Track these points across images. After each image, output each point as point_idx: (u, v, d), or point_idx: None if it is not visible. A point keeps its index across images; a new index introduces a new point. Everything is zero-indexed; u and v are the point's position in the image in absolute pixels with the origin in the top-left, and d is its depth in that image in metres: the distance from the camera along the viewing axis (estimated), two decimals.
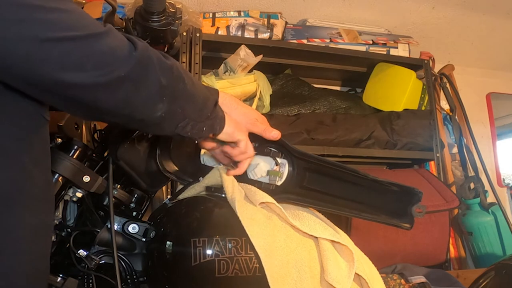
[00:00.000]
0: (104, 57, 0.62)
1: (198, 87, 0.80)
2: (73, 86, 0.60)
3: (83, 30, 0.61)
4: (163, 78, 0.70)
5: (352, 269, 0.92)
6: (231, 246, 0.87)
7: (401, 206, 1.00)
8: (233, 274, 0.86)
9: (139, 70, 0.66)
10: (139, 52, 0.66)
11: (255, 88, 2.05)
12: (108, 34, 0.64)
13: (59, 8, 0.60)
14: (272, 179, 0.98)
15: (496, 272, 1.49)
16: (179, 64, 0.76)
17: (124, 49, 0.65)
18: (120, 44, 0.65)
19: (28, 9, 0.56)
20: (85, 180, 0.91)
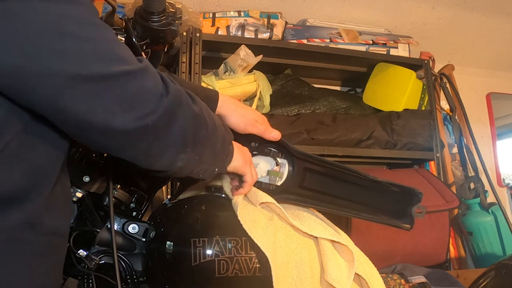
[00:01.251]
0: (134, 101, 0.58)
1: (218, 130, 0.77)
2: (96, 129, 0.57)
3: (116, 65, 0.57)
4: (188, 126, 0.66)
5: (352, 269, 0.92)
6: (231, 246, 0.87)
7: (401, 206, 1.00)
8: (233, 274, 0.86)
9: (167, 118, 0.62)
10: (170, 98, 0.62)
11: (255, 88, 2.05)
12: (143, 73, 0.60)
13: (94, 38, 0.56)
14: (272, 179, 0.98)
15: (496, 272, 1.49)
16: (204, 106, 0.73)
17: (156, 93, 0.61)
18: (153, 86, 0.61)
19: (61, 38, 0.53)
20: (85, 180, 0.91)
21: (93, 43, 0.56)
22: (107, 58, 0.56)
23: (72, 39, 0.54)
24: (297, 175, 1.00)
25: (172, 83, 0.64)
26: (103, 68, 0.56)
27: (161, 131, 0.62)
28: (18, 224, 0.59)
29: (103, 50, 0.56)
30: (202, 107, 0.72)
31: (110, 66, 0.56)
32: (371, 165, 2.39)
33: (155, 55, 1.05)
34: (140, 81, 0.59)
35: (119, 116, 0.57)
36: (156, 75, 0.63)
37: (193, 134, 0.68)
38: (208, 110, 0.75)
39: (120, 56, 0.58)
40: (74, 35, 0.54)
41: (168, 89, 0.62)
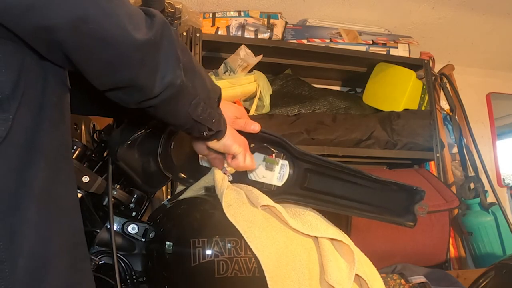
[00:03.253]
0: (136, 17, 0.61)
1: (203, 70, 0.81)
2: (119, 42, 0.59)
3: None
4: (177, 44, 0.69)
5: (352, 270, 0.92)
6: (230, 246, 0.87)
7: (404, 205, 1.00)
8: (233, 274, 0.86)
9: (161, 34, 0.65)
10: (158, 18, 0.66)
11: (255, 88, 2.05)
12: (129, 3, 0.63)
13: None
14: (269, 167, 0.98)
15: (496, 272, 1.49)
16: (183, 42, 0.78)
17: (142, 15, 0.64)
18: (138, 11, 0.64)
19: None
20: (85, 180, 0.91)
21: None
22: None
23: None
24: (298, 176, 1.00)
25: (154, 11, 0.68)
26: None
27: (160, 46, 0.65)
28: None
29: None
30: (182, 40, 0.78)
31: None
32: (371, 165, 2.39)
33: None
34: (127, 8, 0.61)
35: (130, 32, 0.60)
36: (135, 7, 0.66)
37: (182, 54, 0.70)
38: None
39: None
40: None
41: (152, 15, 0.66)
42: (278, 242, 0.88)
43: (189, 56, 0.75)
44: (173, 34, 0.68)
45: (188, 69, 0.73)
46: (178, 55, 0.69)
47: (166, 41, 0.66)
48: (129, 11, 0.62)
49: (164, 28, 0.66)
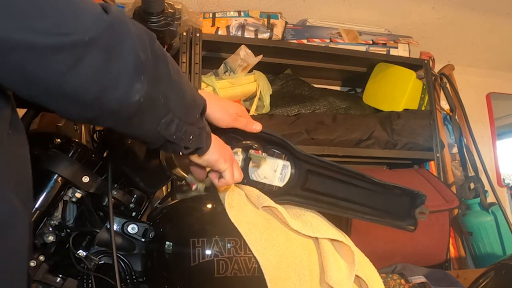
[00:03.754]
0: (63, 11, 0.49)
1: (185, 80, 0.69)
2: (16, 45, 0.47)
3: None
4: (142, 53, 0.57)
5: (352, 271, 0.93)
6: (230, 246, 0.87)
7: (405, 208, 1.01)
8: (232, 274, 0.86)
9: (111, 36, 0.53)
10: (112, 16, 0.54)
11: (255, 88, 2.05)
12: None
13: None
14: (256, 161, 0.97)
15: (496, 272, 1.49)
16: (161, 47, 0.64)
17: (93, 10, 0.52)
18: (88, 5, 0.52)
19: None
20: (85, 180, 0.91)
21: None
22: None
23: None
24: (300, 177, 1.00)
25: (114, 6, 0.57)
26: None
27: (105, 51, 0.52)
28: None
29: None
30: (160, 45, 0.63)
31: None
32: (371, 165, 2.39)
33: None
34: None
35: (45, 30, 0.48)
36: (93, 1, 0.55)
37: (151, 64, 0.59)
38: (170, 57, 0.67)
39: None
40: None
41: (107, 9, 0.54)
42: (279, 243, 0.88)
43: (165, 63, 0.63)
44: (132, 33, 0.56)
45: (161, 79, 0.62)
46: (138, 61, 0.56)
47: (116, 41, 0.54)
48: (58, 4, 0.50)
49: (115, 25, 0.54)
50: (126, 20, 0.56)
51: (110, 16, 0.53)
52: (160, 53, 0.62)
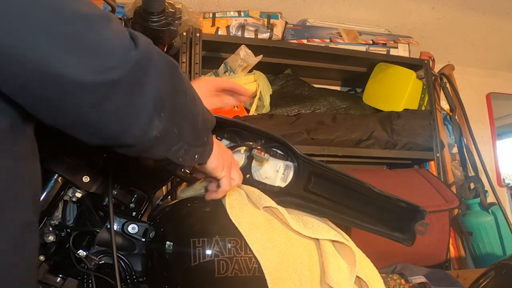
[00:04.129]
0: (93, 51, 0.48)
1: (198, 103, 0.69)
2: (47, 77, 0.46)
3: (71, 4, 0.48)
4: (164, 87, 0.57)
5: (353, 272, 0.92)
6: (230, 246, 0.87)
7: (404, 221, 1.00)
8: (233, 274, 0.86)
9: (137, 73, 0.52)
10: (140, 51, 0.53)
11: (255, 88, 2.05)
12: (106, 21, 0.51)
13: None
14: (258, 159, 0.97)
15: (496, 272, 1.49)
16: (180, 75, 0.63)
17: (122, 44, 0.51)
18: (120, 37, 0.51)
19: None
20: (85, 180, 0.91)
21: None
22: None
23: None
24: (302, 178, 1.00)
25: (141, 36, 0.55)
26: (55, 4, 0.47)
27: (130, 89, 0.52)
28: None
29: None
30: (180, 70, 0.62)
31: (64, 5, 0.47)
32: (371, 165, 2.39)
33: None
34: (102, 29, 0.50)
35: (75, 65, 0.47)
36: (122, 27, 0.53)
37: (170, 98, 0.59)
38: (187, 78, 0.66)
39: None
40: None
41: (137, 42, 0.53)
42: (280, 244, 0.88)
43: (183, 93, 0.62)
44: (156, 68, 0.55)
45: (178, 112, 0.61)
46: (159, 99, 0.56)
47: (140, 79, 0.53)
48: (98, 36, 0.49)
49: (141, 61, 0.53)
50: (152, 53, 0.55)
51: (138, 51, 0.52)
52: (180, 83, 0.62)
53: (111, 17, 0.52)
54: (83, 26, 0.48)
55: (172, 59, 0.61)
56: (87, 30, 0.48)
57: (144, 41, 0.54)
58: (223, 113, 1.98)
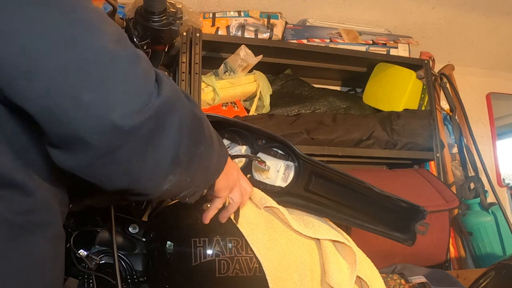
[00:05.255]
0: (111, 86, 0.45)
1: (215, 145, 0.64)
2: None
3: (97, 38, 0.46)
4: (184, 142, 0.53)
5: (354, 272, 0.93)
6: (231, 246, 0.87)
7: (405, 221, 1.00)
8: (234, 274, 0.86)
9: (154, 125, 0.48)
10: (162, 100, 0.48)
11: (255, 88, 2.05)
12: (139, 60, 0.48)
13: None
14: (260, 169, 0.98)
15: (496, 272, 1.49)
16: (204, 115, 0.60)
17: (145, 89, 0.48)
18: (142, 80, 0.48)
19: None
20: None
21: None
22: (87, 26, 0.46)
23: None
24: (303, 178, 1.00)
25: (167, 80, 0.52)
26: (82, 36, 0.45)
27: (144, 142, 0.48)
28: None
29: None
30: (202, 114, 0.59)
31: (92, 38, 0.45)
32: (371, 165, 2.39)
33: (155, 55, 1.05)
34: (126, 69, 0.47)
35: (89, 106, 0.44)
36: (149, 68, 0.50)
37: (188, 152, 0.55)
38: (207, 120, 0.62)
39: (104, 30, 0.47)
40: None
41: (161, 86, 0.49)
42: (280, 244, 0.88)
43: (201, 142, 0.58)
44: (178, 120, 0.51)
45: (194, 162, 0.57)
46: (176, 155, 0.52)
47: (157, 132, 0.49)
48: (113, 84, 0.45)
49: (161, 112, 0.48)
50: (175, 102, 0.51)
51: (160, 100, 0.48)
52: (200, 133, 0.58)
53: (139, 57, 0.49)
54: (105, 65, 0.45)
55: (193, 99, 0.58)
56: (109, 70, 0.46)
57: (169, 85, 0.51)
58: (223, 113, 1.99)
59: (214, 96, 1.94)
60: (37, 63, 0.43)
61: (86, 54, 0.45)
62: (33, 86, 0.44)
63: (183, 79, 1.89)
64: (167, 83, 0.51)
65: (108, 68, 0.45)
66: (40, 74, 0.43)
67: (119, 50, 0.47)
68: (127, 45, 0.49)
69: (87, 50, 0.45)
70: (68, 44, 0.44)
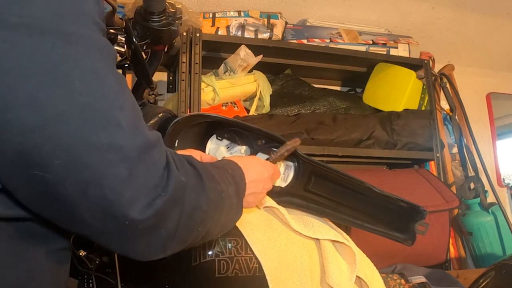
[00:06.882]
0: (119, 190, 0.47)
1: (226, 208, 0.66)
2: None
3: (104, 132, 0.47)
4: (181, 228, 0.55)
5: (353, 272, 0.92)
6: (231, 246, 0.87)
7: (404, 221, 1.00)
8: (233, 274, 0.86)
9: (155, 222, 0.50)
10: (170, 192, 0.51)
11: (255, 88, 2.05)
12: (150, 150, 0.50)
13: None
14: None
15: (496, 272, 1.49)
16: (220, 180, 0.63)
17: (151, 188, 0.49)
18: (151, 175, 0.50)
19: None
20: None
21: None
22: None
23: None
24: (303, 178, 1.00)
25: (180, 164, 0.55)
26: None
27: (141, 233, 0.51)
28: None
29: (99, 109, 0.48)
30: (212, 197, 0.60)
31: (99, 131, 0.47)
32: (371, 165, 2.39)
33: (155, 55, 1.05)
34: (133, 166, 0.48)
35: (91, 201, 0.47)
36: (159, 155, 0.52)
37: (188, 232, 0.58)
38: (223, 176, 0.65)
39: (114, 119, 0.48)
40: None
41: (168, 183, 0.51)
42: (280, 244, 0.88)
43: (206, 221, 0.60)
44: (181, 216, 0.53)
45: (195, 235, 0.60)
46: (175, 237, 0.55)
47: (157, 229, 0.51)
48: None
49: (167, 208, 0.51)
50: (180, 197, 0.53)
51: (168, 193, 0.51)
52: (199, 222, 0.59)
53: (151, 145, 0.51)
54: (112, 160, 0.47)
55: (202, 191, 0.58)
56: (117, 165, 0.47)
57: (176, 180, 0.52)
58: (223, 113, 1.99)
59: (214, 96, 1.94)
60: None
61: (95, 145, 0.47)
62: None
63: (183, 79, 1.89)
64: (174, 174, 0.52)
65: (114, 164, 0.47)
66: None
67: (129, 141, 0.48)
68: (139, 132, 0.50)
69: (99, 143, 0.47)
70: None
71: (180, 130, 0.97)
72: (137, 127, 0.50)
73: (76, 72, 0.46)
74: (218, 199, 0.62)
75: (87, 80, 0.47)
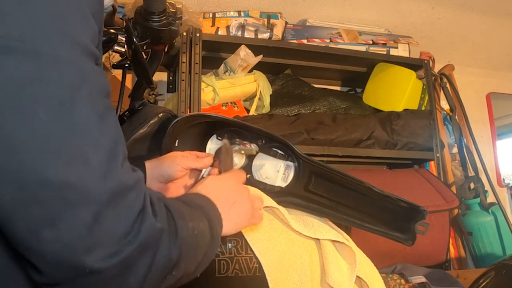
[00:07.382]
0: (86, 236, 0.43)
1: (201, 252, 0.61)
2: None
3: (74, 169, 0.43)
4: (151, 277, 0.50)
5: (353, 272, 0.93)
6: (231, 246, 0.87)
7: (404, 221, 1.00)
8: (233, 274, 0.86)
9: (121, 270, 0.47)
10: (137, 244, 0.47)
11: (255, 88, 2.05)
12: (132, 190, 0.48)
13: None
14: (248, 152, 0.96)
15: (496, 272, 1.49)
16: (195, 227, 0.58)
17: (118, 234, 0.45)
18: (124, 219, 0.46)
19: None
20: None
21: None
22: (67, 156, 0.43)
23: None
24: (303, 178, 1.00)
25: (152, 219, 0.50)
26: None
27: (106, 281, 0.47)
28: None
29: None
30: (184, 249, 0.55)
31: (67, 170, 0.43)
32: (371, 165, 2.39)
33: (155, 55, 1.05)
34: (100, 210, 0.44)
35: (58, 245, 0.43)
36: (133, 205, 0.48)
37: (162, 278, 0.53)
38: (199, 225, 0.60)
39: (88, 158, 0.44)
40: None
41: (140, 229, 0.47)
42: (280, 244, 0.88)
43: (171, 273, 0.54)
44: (153, 262, 0.50)
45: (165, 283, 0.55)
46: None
47: (124, 277, 0.48)
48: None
49: (133, 257, 0.47)
50: (159, 242, 0.50)
51: (139, 240, 0.47)
52: (185, 262, 0.55)
53: (126, 189, 0.47)
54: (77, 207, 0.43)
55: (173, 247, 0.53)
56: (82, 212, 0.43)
57: (148, 228, 0.48)
58: (223, 113, 1.99)
59: (214, 96, 1.94)
60: None
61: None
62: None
63: (183, 79, 1.89)
64: (149, 221, 0.49)
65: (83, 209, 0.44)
66: None
67: (97, 182, 0.44)
68: (112, 174, 0.46)
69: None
70: None
71: (180, 130, 0.97)
72: (111, 167, 0.46)
73: (42, 97, 0.41)
74: (191, 237, 0.57)
75: (54, 108, 0.42)
